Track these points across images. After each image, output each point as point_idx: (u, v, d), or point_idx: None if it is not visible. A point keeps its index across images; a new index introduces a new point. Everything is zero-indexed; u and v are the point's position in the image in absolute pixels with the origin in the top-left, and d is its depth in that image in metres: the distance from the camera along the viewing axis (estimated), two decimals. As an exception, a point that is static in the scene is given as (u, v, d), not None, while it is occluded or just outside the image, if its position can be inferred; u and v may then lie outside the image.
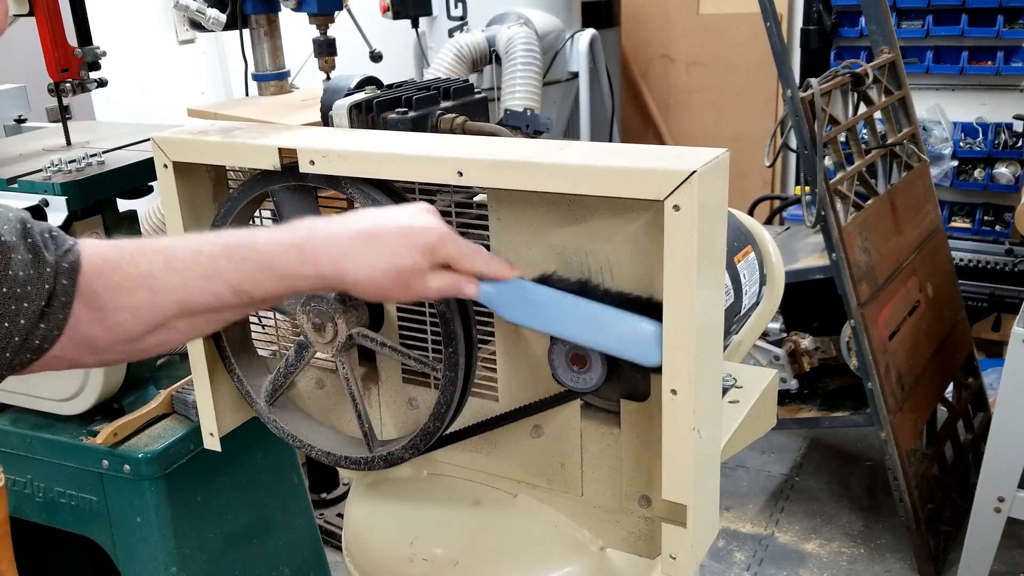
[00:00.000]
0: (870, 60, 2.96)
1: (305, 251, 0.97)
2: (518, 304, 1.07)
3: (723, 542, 3.04)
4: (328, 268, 0.98)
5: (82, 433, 1.75)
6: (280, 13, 2.41)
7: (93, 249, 0.95)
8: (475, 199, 1.23)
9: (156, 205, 2.33)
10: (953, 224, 4.30)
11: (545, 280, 1.10)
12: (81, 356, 0.97)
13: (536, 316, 1.08)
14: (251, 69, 2.45)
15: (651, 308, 1.04)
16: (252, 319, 1.40)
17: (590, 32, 4.00)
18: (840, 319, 2.86)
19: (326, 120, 1.46)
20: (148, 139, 1.34)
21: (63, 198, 1.58)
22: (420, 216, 1.01)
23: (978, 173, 4.26)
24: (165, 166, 1.27)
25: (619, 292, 1.08)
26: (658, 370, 1.03)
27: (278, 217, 1.24)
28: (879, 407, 2.68)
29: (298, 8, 2.30)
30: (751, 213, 3.34)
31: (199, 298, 0.96)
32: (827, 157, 2.67)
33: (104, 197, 1.69)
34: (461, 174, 1.06)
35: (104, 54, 1.84)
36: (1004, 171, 4.18)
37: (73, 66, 1.79)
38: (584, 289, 1.08)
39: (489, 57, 3.65)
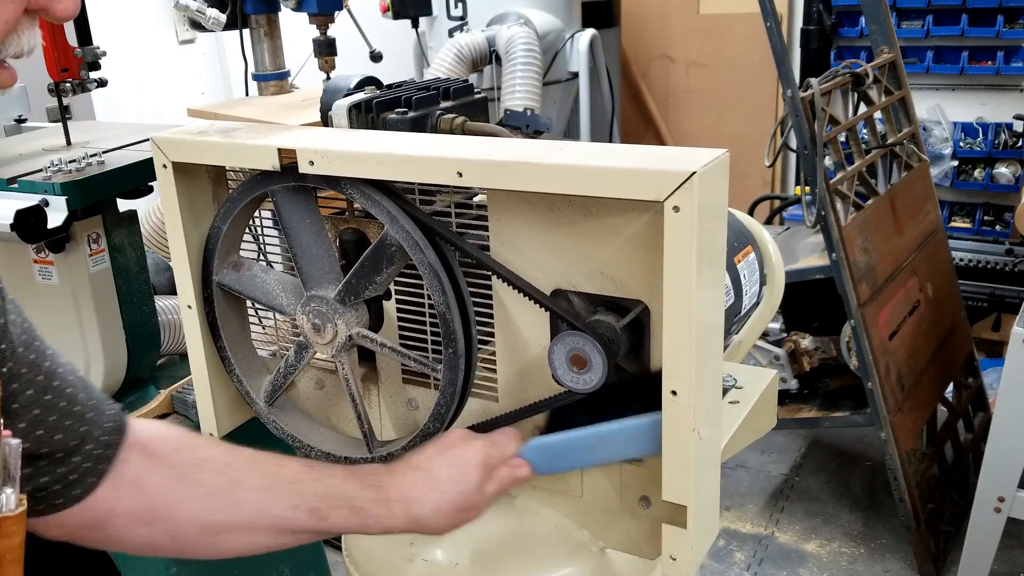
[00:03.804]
0: (870, 60, 2.96)
1: (383, 490, 1.08)
2: (557, 461, 1.16)
3: (723, 542, 3.04)
4: (401, 511, 1.07)
5: (82, 433, 1.75)
6: (280, 13, 2.41)
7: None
8: (475, 199, 1.23)
9: (156, 205, 2.33)
10: (953, 224, 4.30)
11: (556, 417, 1.19)
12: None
13: (574, 462, 1.17)
14: (251, 69, 2.45)
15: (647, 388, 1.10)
16: (252, 319, 1.40)
17: (590, 32, 3.99)
18: (840, 319, 2.86)
19: (326, 120, 1.46)
20: (148, 139, 1.34)
21: (63, 198, 1.58)
22: (454, 439, 1.13)
23: (978, 173, 4.26)
24: (165, 166, 1.27)
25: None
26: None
27: (278, 217, 1.24)
28: (879, 407, 2.68)
29: (298, 8, 2.30)
30: (751, 213, 3.34)
31: (276, 510, 1.02)
32: (827, 157, 2.67)
33: (104, 197, 1.69)
34: (461, 175, 1.06)
35: (104, 54, 1.84)
36: (1004, 171, 4.18)
37: (73, 66, 1.79)
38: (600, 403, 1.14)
39: (489, 57, 3.65)
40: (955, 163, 4.24)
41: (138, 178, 1.74)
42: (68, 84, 1.80)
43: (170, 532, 1.01)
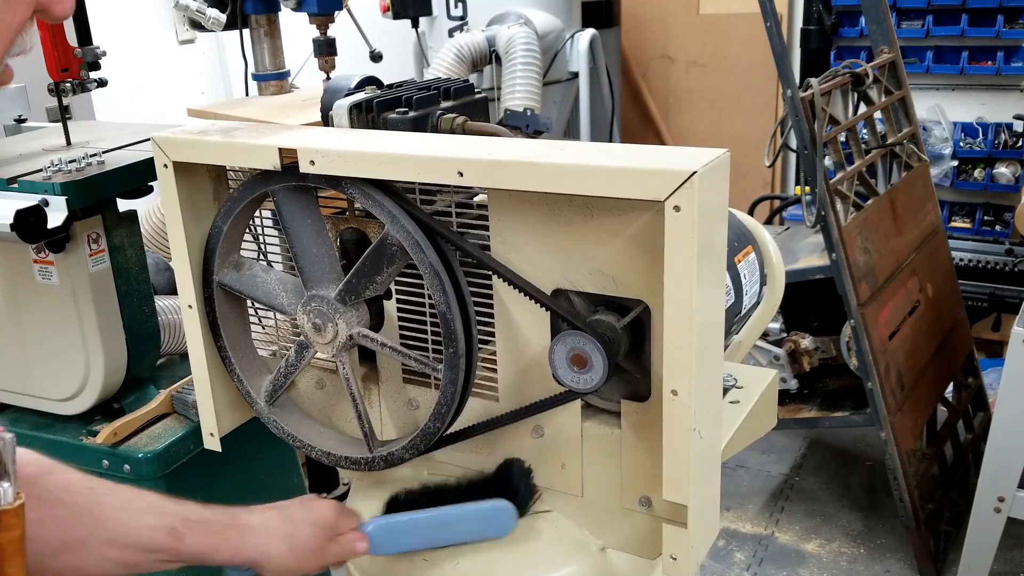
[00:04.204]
0: (870, 60, 2.96)
1: (237, 518, 1.15)
2: (396, 540, 1.24)
3: (723, 542, 3.04)
4: (252, 541, 1.14)
5: (82, 433, 1.75)
6: (280, 13, 2.41)
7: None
8: (475, 199, 1.23)
9: (156, 205, 2.32)
10: (953, 224, 4.30)
11: (397, 502, 1.26)
12: None
13: (412, 542, 1.24)
14: (251, 69, 2.45)
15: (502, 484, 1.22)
16: (252, 319, 1.40)
17: (590, 32, 4.00)
18: (840, 319, 2.86)
19: (326, 120, 1.46)
20: (148, 139, 1.34)
21: (63, 198, 1.58)
22: (313, 502, 1.22)
23: (978, 173, 4.26)
24: (165, 166, 1.27)
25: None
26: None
27: (278, 217, 1.24)
28: (879, 407, 2.68)
29: (298, 8, 2.30)
30: (751, 213, 3.34)
31: (138, 528, 1.06)
32: (827, 157, 2.67)
33: (104, 197, 1.69)
34: (461, 174, 1.06)
35: (104, 54, 1.84)
36: (1004, 171, 4.18)
37: (73, 66, 1.79)
38: (440, 492, 1.25)
39: (489, 57, 3.65)
40: (955, 163, 4.24)
41: (138, 178, 1.73)
42: (68, 84, 1.80)
43: (30, 552, 0.98)
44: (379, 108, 1.39)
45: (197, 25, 2.30)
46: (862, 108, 2.91)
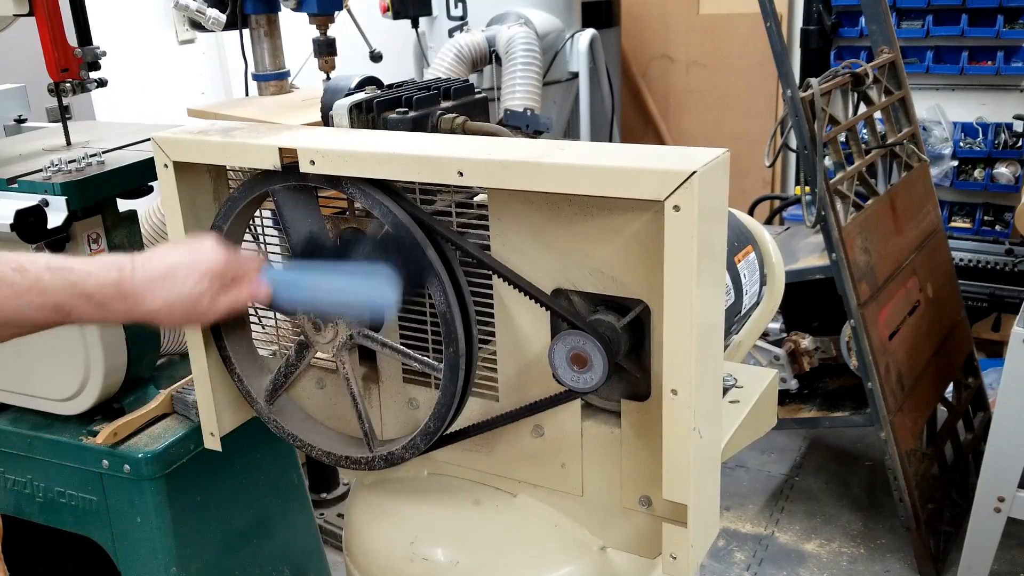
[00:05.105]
0: (870, 60, 2.96)
1: (121, 287, 1.12)
2: (290, 295, 1.19)
3: (723, 542, 3.04)
4: (135, 306, 1.13)
5: (82, 433, 1.75)
6: (280, 13, 2.41)
7: None
8: (475, 199, 1.23)
9: (156, 205, 2.32)
10: (953, 224, 4.30)
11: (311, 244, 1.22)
12: None
13: (304, 299, 1.20)
14: (251, 69, 2.45)
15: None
16: (252, 319, 1.40)
17: (590, 32, 3.99)
18: (840, 319, 2.86)
19: (326, 120, 1.46)
20: (148, 139, 1.34)
21: (63, 198, 1.58)
22: (203, 247, 1.16)
23: (978, 173, 4.26)
24: (165, 166, 1.27)
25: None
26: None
27: (278, 216, 1.24)
28: (879, 407, 2.68)
29: (298, 8, 2.30)
30: (751, 213, 3.34)
31: (24, 311, 1.09)
32: (827, 157, 2.67)
33: (104, 197, 1.69)
34: (461, 174, 1.06)
35: (104, 54, 1.84)
36: (1004, 171, 4.17)
37: (73, 66, 1.79)
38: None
39: (489, 57, 3.65)
40: (955, 163, 4.23)
41: (138, 178, 1.73)
42: (68, 84, 1.80)
43: None
44: (379, 108, 1.39)
45: (197, 25, 2.29)
46: (862, 108, 2.91)
